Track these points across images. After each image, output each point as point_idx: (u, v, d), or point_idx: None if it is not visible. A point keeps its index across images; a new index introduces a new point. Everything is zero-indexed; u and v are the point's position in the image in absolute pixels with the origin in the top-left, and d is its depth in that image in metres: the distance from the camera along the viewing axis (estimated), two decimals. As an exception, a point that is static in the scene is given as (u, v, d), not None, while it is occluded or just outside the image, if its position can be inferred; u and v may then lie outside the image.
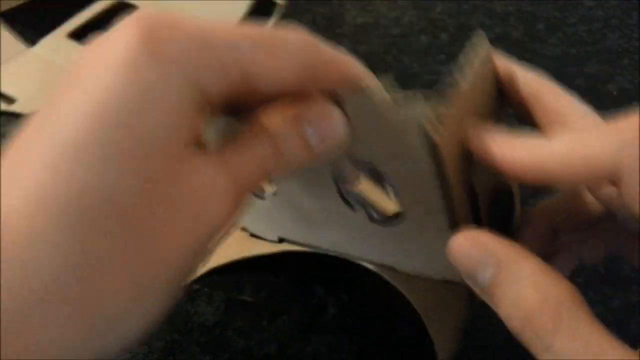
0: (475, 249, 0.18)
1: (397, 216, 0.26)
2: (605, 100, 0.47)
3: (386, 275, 0.31)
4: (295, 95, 0.19)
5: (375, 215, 0.27)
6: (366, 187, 0.27)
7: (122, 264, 0.15)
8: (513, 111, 0.23)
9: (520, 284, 0.17)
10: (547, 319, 0.16)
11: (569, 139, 0.18)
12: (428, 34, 0.54)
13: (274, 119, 0.19)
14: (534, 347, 0.17)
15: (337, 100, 0.20)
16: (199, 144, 0.17)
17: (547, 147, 0.18)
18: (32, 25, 0.54)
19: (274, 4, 0.46)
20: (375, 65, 0.51)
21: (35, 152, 0.15)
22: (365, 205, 0.26)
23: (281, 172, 0.19)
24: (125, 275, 0.15)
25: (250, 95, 0.18)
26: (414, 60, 0.51)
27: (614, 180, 0.17)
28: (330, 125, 0.19)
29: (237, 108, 0.19)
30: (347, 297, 0.33)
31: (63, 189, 0.14)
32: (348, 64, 0.19)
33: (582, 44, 0.53)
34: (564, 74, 0.50)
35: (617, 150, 0.17)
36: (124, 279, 0.15)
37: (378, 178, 0.24)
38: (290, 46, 0.18)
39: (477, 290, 0.19)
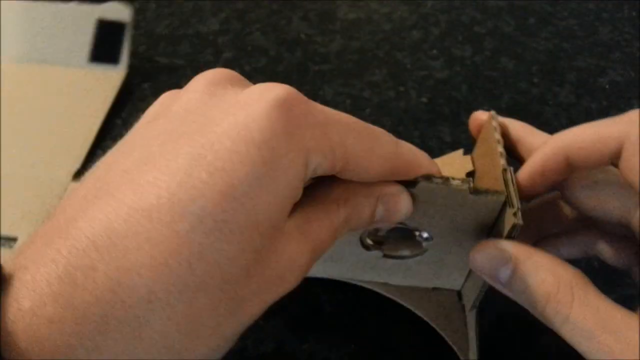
0: (494, 255, 0.22)
1: (414, 254, 0.29)
2: (596, 93, 0.47)
3: (380, 290, 0.33)
4: None
5: (391, 253, 0.30)
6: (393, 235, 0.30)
7: (212, 328, 0.17)
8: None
9: (537, 273, 0.21)
10: (563, 296, 0.20)
11: (583, 127, 0.23)
12: (420, 29, 0.54)
13: (353, 190, 0.21)
14: (555, 321, 0.20)
15: (410, 182, 0.22)
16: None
17: (565, 133, 0.23)
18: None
19: (122, 25, 0.47)
20: (367, 60, 0.51)
21: (163, 204, 0.16)
22: (382, 248, 0.30)
23: (345, 231, 0.21)
24: (216, 331, 0.17)
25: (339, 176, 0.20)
26: (406, 56, 0.51)
27: (617, 156, 0.21)
28: (398, 205, 0.22)
29: None
30: (343, 296, 0.33)
31: (181, 253, 0.15)
32: (422, 162, 0.22)
33: (574, 37, 0.53)
34: (556, 68, 0.50)
35: (623, 130, 0.21)
36: (214, 334, 0.17)
37: (405, 230, 0.27)
38: (383, 149, 0.20)
39: (499, 287, 0.22)
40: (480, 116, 0.28)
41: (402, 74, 0.49)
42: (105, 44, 0.47)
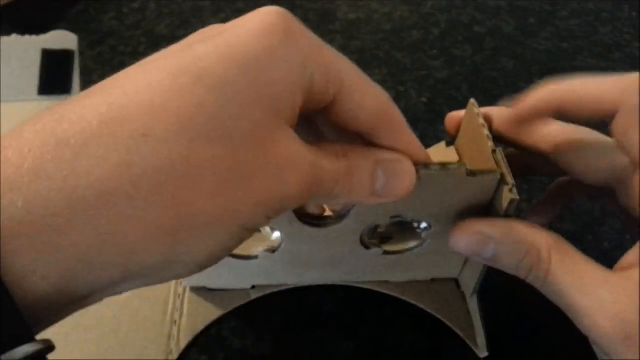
0: (473, 238, 0.23)
1: (414, 247, 0.30)
2: (597, 93, 0.47)
3: (380, 289, 0.33)
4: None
5: (391, 249, 0.30)
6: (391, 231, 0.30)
7: (212, 180, 0.16)
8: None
9: (518, 246, 0.22)
10: (541, 261, 0.22)
11: (582, 82, 0.24)
12: (420, 29, 0.54)
13: (351, 148, 0.21)
14: (536, 283, 0.22)
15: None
16: (295, 126, 0.19)
17: (564, 84, 0.24)
18: (25, 21, 0.54)
19: (69, 53, 0.46)
20: (367, 60, 0.51)
21: (165, 67, 0.16)
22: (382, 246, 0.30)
23: (343, 197, 0.20)
24: (211, 190, 0.16)
25: (330, 114, 0.20)
26: (406, 56, 0.51)
27: (610, 118, 0.22)
28: (399, 174, 0.22)
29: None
30: (343, 296, 0.33)
31: (183, 101, 0.16)
32: (407, 129, 0.22)
33: (574, 37, 0.53)
34: (556, 68, 0.50)
35: (620, 95, 0.22)
36: (209, 193, 0.16)
37: (404, 224, 0.28)
38: (377, 93, 0.21)
39: (484, 262, 0.24)
40: (456, 115, 0.28)
41: (402, 74, 0.49)
42: (54, 75, 0.45)
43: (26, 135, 0.15)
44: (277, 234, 0.28)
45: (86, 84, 0.47)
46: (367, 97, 0.20)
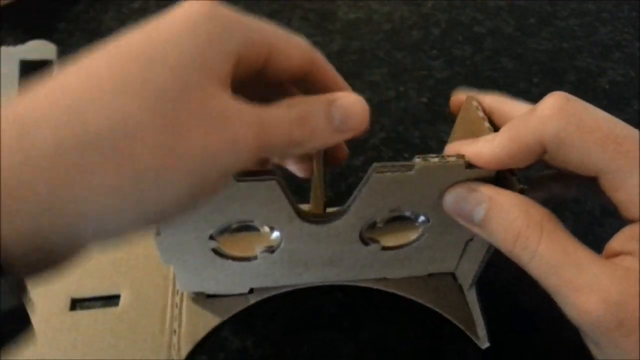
0: (469, 192, 0.24)
1: (412, 242, 0.30)
2: (596, 93, 0.47)
3: (378, 286, 0.33)
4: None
5: (389, 245, 0.30)
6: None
7: (153, 134, 0.18)
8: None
9: (509, 211, 0.22)
10: (532, 232, 0.21)
11: (501, 133, 0.23)
12: (420, 29, 0.54)
13: (304, 98, 0.22)
14: (524, 257, 0.21)
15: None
16: (230, 89, 0.20)
17: (491, 143, 0.23)
18: (25, 21, 0.54)
19: (48, 63, 0.44)
20: (367, 60, 0.51)
21: (104, 51, 0.19)
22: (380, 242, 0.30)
23: (305, 143, 0.22)
24: (155, 140, 0.18)
25: (268, 72, 0.23)
26: (406, 56, 0.51)
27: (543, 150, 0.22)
28: (352, 105, 0.23)
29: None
30: (343, 296, 0.33)
31: (119, 73, 0.18)
32: (334, 72, 0.25)
33: (574, 37, 0.53)
34: (556, 68, 0.50)
35: (538, 128, 0.22)
36: (154, 143, 0.18)
37: (402, 218, 0.29)
38: (299, 43, 0.24)
39: (470, 226, 0.24)
40: (459, 96, 0.29)
41: (402, 74, 0.49)
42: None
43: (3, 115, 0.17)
44: (276, 234, 0.28)
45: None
46: (292, 49, 0.23)
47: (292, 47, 0.23)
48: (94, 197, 0.17)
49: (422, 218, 0.28)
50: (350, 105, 0.23)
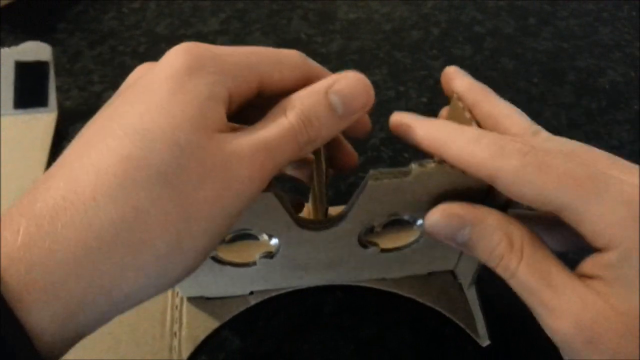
0: (450, 219, 0.23)
1: (410, 243, 0.30)
2: (596, 93, 0.47)
3: (379, 286, 0.33)
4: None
5: (388, 247, 0.30)
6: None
7: (162, 216, 0.19)
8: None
9: (492, 235, 0.23)
10: (513, 256, 0.22)
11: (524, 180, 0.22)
12: (420, 29, 0.54)
13: (297, 95, 0.22)
14: (505, 275, 0.22)
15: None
16: (228, 129, 0.21)
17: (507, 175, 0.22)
18: (25, 21, 0.54)
19: (44, 65, 0.43)
20: (367, 60, 0.51)
21: (103, 135, 0.20)
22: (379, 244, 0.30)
23: (314, 141, 0.22)
24: (165, 223, 0.19)
25: (263, 95, 0.23)
26: (406, 56, 0.51)
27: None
28: (350, 86, 0.23)
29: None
30: (343, 296, 0.33)
31: (121, 163, 0.19)
32: (327, 73, 0.25)
33: (574, 37, 0.53)
34: (556, 68, 0.50)
35: (493, 159, 0.22)
36: (165, 226, 0.19)
37: (401, 222, 0.28)
38: (290, 62, 0.24)
39: (458, 247, 0.24)
40: (450, 72, 0.29)
41: (402, 74, 0.49)
42: (29, 87, 0.44)
43: (15, 218, 0.18)
44: (274, 241, 0.28)
45: (86, 84, 0.48)
46: (284, 71, 0.23)
47: (284, 68, 0.23)
48: (118, 282, 0.19)
49: (420, 221, 0.28)
50: (348, 88, 0.22)
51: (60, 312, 0.18)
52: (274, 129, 0.21)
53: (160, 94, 0.20)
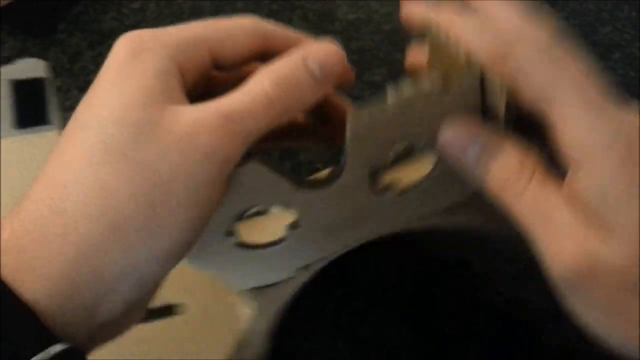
0: (465, 132, 0.23)
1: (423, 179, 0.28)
2: (597, 93, 0.47)
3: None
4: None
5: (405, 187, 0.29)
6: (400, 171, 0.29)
7: (131, 189, 0.19)
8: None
9: (503, 155, 0.22)
10: (523, 177, 0.22)
11: None
12: (420, 29, 0.54)
13: (271, 63, 0.22)
14: (509, 198, 0.22)
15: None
16: (186, 101, 0.21)
17: None
18: (25, 22, 0.54)
19: (41, 81, 0.42)
20: (367, 60, 0.51)
21: (70, 137, 0.21)
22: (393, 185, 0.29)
23: (295, 105, 0.22)
24: (136, 195, 0.19)
25: (221, 63, 0.23)
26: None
27: None
28: (328, 52, 0.23)
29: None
30: (342, 293, 0.33)
31: (85, 152, 0.20)
32: (289, 32, 0.25)
33: (574, 37, 0.53)
34: (556, 68, 0.50)
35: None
36: (136, 197, 0.19)
37: (408, 154, 0.28)
38: (244, 28, 0.24)
39: (463, 166, 0.24)
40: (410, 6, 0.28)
41: (402, 74, 0.49)
42: (28, 106, 0.42)
43: (4, 222, 0.20)
44: (289, 210, 0.27)
45: (86, 84, 0.47)
46: (235, 34, 0.24)
47: (237, 35, 0.24)
48: (105, 261, 0.19)
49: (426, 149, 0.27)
50: (324, 50, 0.23)
51: (55, 290, 0.19)
52: (245, 97, 0.21)
53: (107, 83, 0.21)
